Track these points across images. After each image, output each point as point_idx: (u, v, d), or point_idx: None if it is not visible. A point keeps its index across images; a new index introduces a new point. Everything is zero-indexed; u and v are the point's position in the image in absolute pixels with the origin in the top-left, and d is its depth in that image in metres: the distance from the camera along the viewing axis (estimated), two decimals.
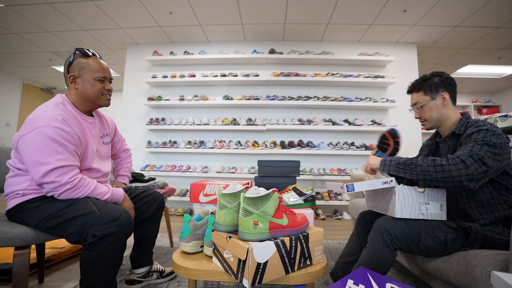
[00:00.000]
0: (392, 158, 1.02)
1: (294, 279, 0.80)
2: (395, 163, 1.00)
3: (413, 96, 1.14)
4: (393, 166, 1.00)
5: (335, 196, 3.30)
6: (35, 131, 0.91)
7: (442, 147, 1.13)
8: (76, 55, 1.07)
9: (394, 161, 1.00)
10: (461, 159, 0.87)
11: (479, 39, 3.48)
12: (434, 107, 1.07)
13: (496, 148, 0.88)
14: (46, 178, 0.91)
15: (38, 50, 4.14)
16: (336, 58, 3.48)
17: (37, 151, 0.91)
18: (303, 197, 1.35)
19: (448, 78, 1.08)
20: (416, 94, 1.12)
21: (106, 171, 1.19)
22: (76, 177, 0.97)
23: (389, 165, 1.01)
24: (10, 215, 1.01)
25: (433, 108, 1.08)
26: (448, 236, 0.93)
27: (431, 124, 1.11)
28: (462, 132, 1.01)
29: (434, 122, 1.09)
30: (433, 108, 1.08)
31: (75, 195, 0.96)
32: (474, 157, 0.86)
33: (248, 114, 3.67)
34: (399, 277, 1.46)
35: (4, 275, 1.34)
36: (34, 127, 0.92)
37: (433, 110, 1.08)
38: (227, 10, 3.05)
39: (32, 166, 0.92)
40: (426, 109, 1.09)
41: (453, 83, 1.08)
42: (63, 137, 0.95)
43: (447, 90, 1.06)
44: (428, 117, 1.10)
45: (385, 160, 1.03)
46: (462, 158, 0.87)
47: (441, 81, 1.07)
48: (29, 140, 0.92)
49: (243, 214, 0.77)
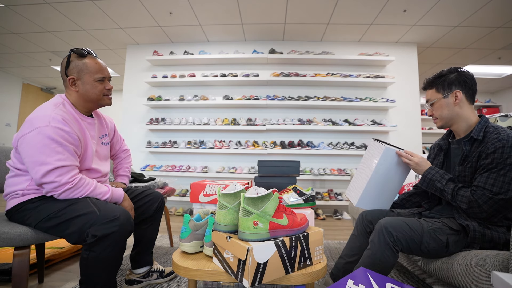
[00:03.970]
0: (432, 178, 1.04)
1: (294, 279, 0.80)
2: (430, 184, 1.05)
3: (427, 93, 1.12)
4: (425, 184, 1.07)
5: (335, 196, 3.30)
6: (35, 131, 0.91)
7: (454, 149, 1.10)
8: (72, 56, 1.06)
9: (431, 182, 1.04)
10: (479, 203, 0.90)
11: (479, 39, 3.47)
12: (445, 105, 1.04)
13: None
14: (45, 178, 0.91)
15: (38, 50, 4.14)
16: (336, 58, 3.48)
17: (37, 151, 0.91)
18: (303, 197, 1.35)
19: (464, 75, 1.02)
20: (429, 91, 1.10)
21: (105, 171, 1.19)
22: (76, 177, 0.96)
23: (424, 181, 1.08)
24: (9, 215, 1.01)
25: (444, 106, 1.05)
26: (450, 239, 0.93)
27: (442, 123, 1.08)
28: (480, 137, 0.96)
29: (445, 121, 1.07)
30: (444, 106, 1.05)
31: (75, 195, 0.96)
32: (495, 199, 0.88)
33: (248, 114, 3.66)
34: (399, 277, 1.46)
35: (4, 275, 1.34)
36: (34, 127, 0.92)
37: (444, 108, 1.05)
38: (227, 10, 3.05)
39: (32, 166, 0.92)
40: (437, 106, 1.07)
41: (470, 80, 1.02)
42: (63, 137, 0.95)
43: (462, 88, 1.02)
44: (438, 115, 1.07)
45: (427, 175, 1.06)
46: (480, 203, 0.90)
47: (456, 78, 1.02)
48: (29, 140, 0.91)
49: (243, 214, 0.77)
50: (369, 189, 1.16)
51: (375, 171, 1.13)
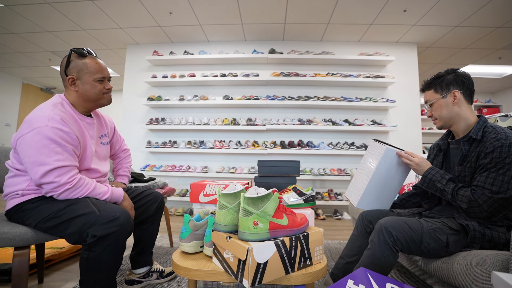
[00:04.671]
0: (432, 178, 1.05)
1: (294, 279, 0.80)
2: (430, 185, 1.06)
3: (426, 94, 1.13)
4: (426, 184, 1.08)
5: (335, 196, 3.30)
6: (33, 132, 0.91)
7: (453, 149, 1.10)
8: (72, 56, 1.06)
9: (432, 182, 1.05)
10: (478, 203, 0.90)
11: (479, 39, 3.47)
12: (444, 105, 1.05)
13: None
14: (45, 179, 0.91)
15: (38, 50, 4.14)
16: (336, 58, 3.48)
17: (35, 152, 0.91)
18: (303, 197, 1.35)
19: (462, 76, 1.04)
20: (428, 92, 1.11)
21: (104, 171, 1.19)
22: (75, 177, 0.96)
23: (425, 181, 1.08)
24: (9, 215, 1.01)
25: (443, 106, 1.05)
26: (450, 238, 0.93)
27: (441, 123, 1.08)
28: (479, 137, 0.97)
29: (444, 121, 1.07)
30: (443, 106, 1.05)
31: (75, 195, 0.96)
32: (494, 198, 0.89)
33: (248, 114, 3.66)
34: (399, 277, 1.46)
35: (4, 275, 1.34)
36: (32, 128, 0.92)
37: (443, 108, 1.05)
38: (227, 10, 3.05)
39: (31, 166, 0.92)
40: (436, 107, 1.07)
41: (467, 80, 1.04)
42: (62, 137, 0.94)
43: (460, 88, 1.03)
44: (438, 116, 1.08)
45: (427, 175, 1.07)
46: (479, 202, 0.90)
47: (454, 79, 1.04)
48: (28, 141, 0.91)
49: (243, 214, 0.77)
50: (370, 189, 1.16)
51: (376, 172, 1.13)
